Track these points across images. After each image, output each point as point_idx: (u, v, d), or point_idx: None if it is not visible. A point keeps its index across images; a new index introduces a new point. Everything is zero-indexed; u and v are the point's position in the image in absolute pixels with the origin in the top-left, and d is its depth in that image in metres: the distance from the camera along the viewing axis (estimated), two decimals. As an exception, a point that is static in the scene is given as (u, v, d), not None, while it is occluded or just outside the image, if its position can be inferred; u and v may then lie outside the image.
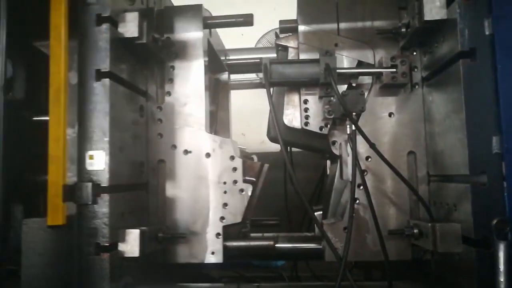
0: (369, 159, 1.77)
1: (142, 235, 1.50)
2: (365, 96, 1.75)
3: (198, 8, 1.91)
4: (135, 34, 1.57)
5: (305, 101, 1.82)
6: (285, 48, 1.93)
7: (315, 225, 2.01)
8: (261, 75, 1.90)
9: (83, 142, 1.48)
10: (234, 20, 2.02)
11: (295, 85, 1.84)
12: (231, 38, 2.96)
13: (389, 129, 1.79)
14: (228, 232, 1.82)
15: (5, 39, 1.48)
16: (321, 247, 1.82)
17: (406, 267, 1.75)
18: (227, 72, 2.46)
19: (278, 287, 1.96)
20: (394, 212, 1.75)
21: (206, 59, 1.91)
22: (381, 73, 1.74)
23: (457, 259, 1.50)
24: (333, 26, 1.86)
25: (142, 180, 1.78)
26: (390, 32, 1.78)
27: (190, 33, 1.88)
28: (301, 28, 1.87)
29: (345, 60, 1.82)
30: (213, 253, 1.75)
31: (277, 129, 1.69)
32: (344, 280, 1.46)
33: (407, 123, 1.79)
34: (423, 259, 1.72)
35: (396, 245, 1.71)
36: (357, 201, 1.75)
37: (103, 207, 1.46)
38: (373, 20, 1.83)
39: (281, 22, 1.94)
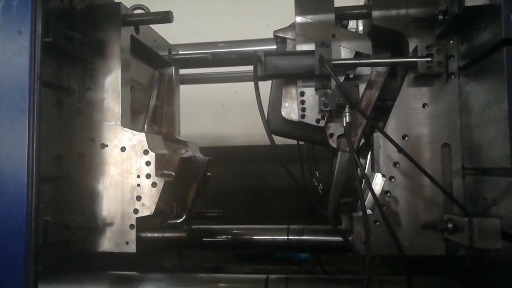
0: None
1: (45, 225, 1.57)
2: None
3: (117, 6, 1.93)
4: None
5: (302, 93, 1.78)
6: (284, 40, 1.87)
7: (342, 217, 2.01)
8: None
9: None
10: (153, 17, 2.06)
11: (290, 77, 1.80)
12: (255, 29, 2.93)
13: (423, 120, 1.73)
14: (150, 222, 1.91)
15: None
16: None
17: (439, 262, 1.70)
18: (172, 67, 2.52)
19: (306, 279, 1.94)
20: (427, 206, 1.70)
21: (126, 55, 1.94)
22: (415, 62, 1.68)
23: (495, 255, 1.45)
24: (331, 16, 1.81)
25: (62, 172, 1.83)
26: (426, 20, 1.71)
27: (108, 31, 1.90)
28: (298, 19, 1.81)
29: (342, 51, 1.76)
30: (127, 243, 1.81)
31: (264, 122, 1.72)
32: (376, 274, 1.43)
33: (441, 114, 1.72)
34: (457, 254, 1.67)
35: (429, 239, 1.66)
36: (389, 194, 1.71)
37: None
38: (408, 7, 1.76)
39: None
